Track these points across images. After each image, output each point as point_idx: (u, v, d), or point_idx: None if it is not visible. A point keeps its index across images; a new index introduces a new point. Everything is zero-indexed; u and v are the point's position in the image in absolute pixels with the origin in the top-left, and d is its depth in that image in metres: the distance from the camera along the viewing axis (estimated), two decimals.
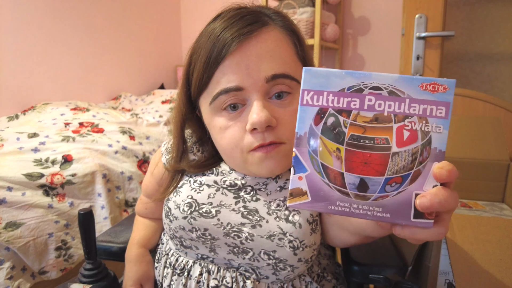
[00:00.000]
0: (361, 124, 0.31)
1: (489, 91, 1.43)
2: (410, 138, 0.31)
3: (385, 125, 0.31)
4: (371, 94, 0.31)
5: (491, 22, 1.41)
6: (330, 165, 0.32)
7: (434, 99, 0.31)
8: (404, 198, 0.32)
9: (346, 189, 0.32)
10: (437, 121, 0.32)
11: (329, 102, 0.32)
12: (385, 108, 0.31)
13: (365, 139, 0.31)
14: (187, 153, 0.56)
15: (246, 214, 0.49)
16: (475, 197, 1.00)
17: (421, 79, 0.31)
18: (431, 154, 0.32)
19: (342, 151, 0.32)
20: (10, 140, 1.19)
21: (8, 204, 0.96)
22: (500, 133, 1.01)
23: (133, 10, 2.28)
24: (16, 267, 0.93)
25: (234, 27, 0.44)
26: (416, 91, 0.31)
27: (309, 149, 0.32)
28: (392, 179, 0.32)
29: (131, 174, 1.28)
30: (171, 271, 0.54)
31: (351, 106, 0.31)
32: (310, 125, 0.32)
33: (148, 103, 2.02)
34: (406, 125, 0.31)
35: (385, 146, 0.31)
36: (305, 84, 0.32)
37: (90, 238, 0.54)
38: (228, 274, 0.50)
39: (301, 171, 0.32)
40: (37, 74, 1.72)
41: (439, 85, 0.31)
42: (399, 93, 0.31)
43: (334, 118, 0.32)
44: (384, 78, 0.31)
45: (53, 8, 1.77)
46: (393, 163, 0.32)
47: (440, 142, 0.32)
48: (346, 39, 2.11)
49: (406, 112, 0.31)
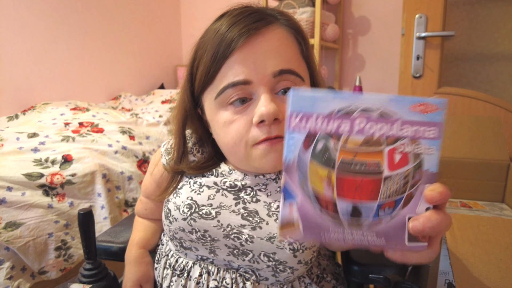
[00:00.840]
0: (352, 148, 0.30)
1: (489, 91, 1.43)
2: (401, 161, 0.31)
3: (376, 149, 0.30)
4: (361, 117, 0.30)
5: (491, 22, 1.41)
6: (321, 192, 0.31)
7: (425, 120, 0.30)
8: (398, 222, 0.32)
9: (339, 216, 0.31)
10: (429, 142, 0.31)
11: (318, 125, 0.30)
12: (376, 131, 0.30)
13: (356, 164, 0.31)
14: (187, 154, 0.56)
15: (246, 216, 0.49)
16: (475, 197, 1.00)
17: (411, 100, 0.30)
18: (423, 176, 0.31)
19: (333, 177, 0.31)
20: (10, 140, 1.19)
21: (8, 204, 0.95)
22: (500, 133, 1.01)
23: (133, 10, 2.28)
24: (16, 267, 0.93)
25: (242, 23, 0.45)
26: (407, 112, 0.30)
27: (299, 176, 0.31)
28: (385, 204, 0.31)
29: (131, 174, 1.28)
30: (171, 272, 0.54)
31: (341, 129, 0.30)
32: (299, 150, 0.31)
33: (148, 103, 2.02)
34: (398, 147, 0.31)
35: (377, 171, 0.31)
36: (293, 106, 0.30)
37: (90, 238, 0.54)
38: (228, 275, 0.50)
39: (291, 199, 0.31)
40: (37, 74, 1.72)
41: (430, 105, 0.30)
42: (390, 114, 0.30)
43: (323, 142, 0.30)
44: (374, 100, 0.30)
45: (52, 8, 1.77)
46: (385, 188, 0.31)
47: (432, 163, 0.31)
48: (346, 39, 2.11)
49: (397, 134, 0.30)
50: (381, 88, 2.06)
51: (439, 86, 1.34)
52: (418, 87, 1.35)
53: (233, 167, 0.54)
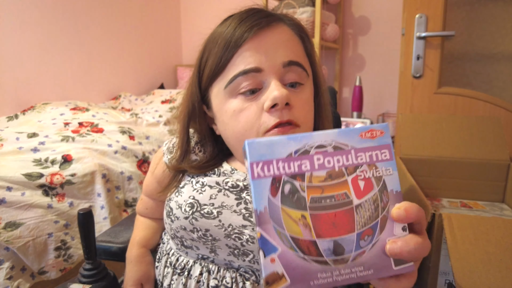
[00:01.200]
0: (318, 185, 0.31)
1: (489, 91, 1.43)
2: (366, 187, 0.32)
3: (340, 180, 0.32)
4: (318, 153, 0.31)
5: (492, 22, 1.41)
6: (300, 236, 0.31)
7: (375, 144, 0.32)
8: (380, 248, 0.32)
9: (323, 257, 0.31)
10: (385, 164, 0.33)
11: (281, 169, 0.31)
12: (334, 164, 0.32)
13: (326, 198, 0.31)
14: (190, 153, 0.56)
15: (248, 216, 0.49)
16: (475, 197, 1.00)
17: (358, 129, 0.32)
18: (390, 198, 0.33)
19: (308, 217, 0.31)
20: (9, 140, 1.19)
21: (8, 204, 0.95)
22: (500, 133, 1.01)
23: (133, 10, 2.28)
24: (15, 267, 0.93)
25: (253, 17, 0.47)
26: (357, 141, 0.32)
27: (273, 224, 0.31)
28: (363, 233, 0.32)
29: (131, 174, 1.28)
30: (172, 270, 0.54)
31: (303, 168, 0.31)
32: (268, 198, 0.31)
33: (148, 103, 2.02)
34: (359, 175, 0.32)
35: (346, 201, 0.32)
36: (252, 157, 0.31)
37: (90, 238, 0.54)
38: (228, 274, 0.50)
39: (271, 252, 0.31)
40: (37, 74, 1.72)
41: (376, 130, 0.33)
42: (342, 146, 0.32)
43: (290, 184, 0.31)
44: (324, 136, 0.32)
45: (52, 8, 1.77)
46: (359, 216, 0.32)
47: (394, 183, 0.33)
48: (346, 39, 2.11)
49: (354, 162, 0.32)
50: (381, 88, 2.06)
51: (439, 86, 1.34)
52: (418, 87, 1.35)
53: (235, 166, 0.54)
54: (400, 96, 1.39)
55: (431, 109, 1.34)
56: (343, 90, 2.18)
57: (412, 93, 1.36)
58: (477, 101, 1.30)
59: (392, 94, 1.98)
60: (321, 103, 0.55)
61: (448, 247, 0.62)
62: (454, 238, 0.64)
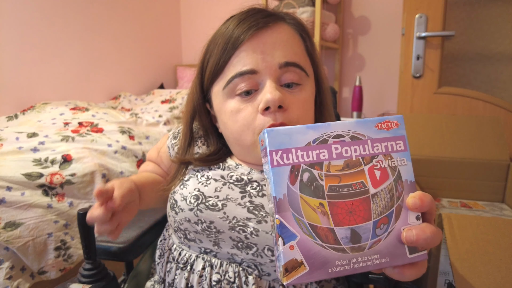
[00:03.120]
0: (336, 174, 0.32)
1: (489, 91, 1.43)
2: (382, 177, 0.33)
3: (357, 169, 0.32)
4: (336, 143, 0.32)
5: (492, 22, 1.41)
6: (318, 223, 0.32)
7: (391, 135, 0.33)
8: (395, 237, 0.33)
9: (341, 245, 0.32)
10: (399, 154, 0.34)
11: (300, 158, 0.31)
12: (352, 153, 0.32)
13: (343, 187, 0.32)
14: (193, 145, 0.58)
15: (252, 209, 0.49)
16: (475, 197, 1.00)
17: (375, 120, 0.33)
18: (404, 187, 0.33)
19: (326, 205, 0.32)
20: (9, 139, 1.19)
21: (7, 204, 0.95)
22: (500, 133, 1.01)
23: (132, 10, 2.28)
24: (15, 267, 0.93)
25: (252, 18, 0.48)
26: (374, 131, 0.33)
27: (292, 212, 0.31)
28: (379, 221, 0.33)
29: (131, 174, 1.28)
30: (175, 265, 0.54)
31: (321, 157, 0.32)
32: (287, 186, 0.31)
33: (147, 103, 2.02)
34: (375, 164, 0.33)
35: (363, 190, 0.32)
36: (271, 145, 0.31)
37: (90, 238, 0.54)
38: (230, 268, 0.50)
39: (291, 239, 0.31)
40: (36, 73, 1.72)
41: (391, 122, 0.33)
42: (359, 136, 0.33)
43: (308, 173, 0.31)
44: (342, 126, 0.33)
45: (52, 8, 1.77)
46: (375, 205, 0.32)
47: (408, 173, 0.34)
48: (346, 39, 2.11)
49: (371, 152, 0.33)
50: (381, 88, 2.06)
51: (439, 86, 1.34)
52: (418, 87, 1.35)
53: (239, 161, 0.55)
54: (400, 96, 1.39)
55: (431, 109, 1.34)
56: (343, 90, 2.18)
57: (412, 93, 1.36)
58: (477, 101, 1.30)
59: (392, 94, 1.98)
60: (322, 102, 0.56)
61: (448, 247, 0.62)
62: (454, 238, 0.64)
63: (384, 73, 2.03)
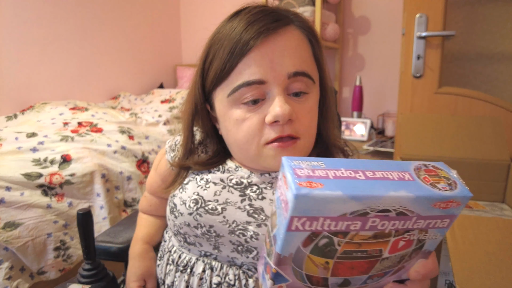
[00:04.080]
0: (357, 242, 0.28)
1: (489, 91, 1.42)
2: (404, 247, 0.29)
3: (383, 240, 0.28)
4: (377, 217, 0.26)
5: (492, 22, 1.41)
6: (315, 274, 0.30)
7: (443, 214, 0.28)
8: (383, 284, 0.33)
9: (328, 287, 0.31)
10: (436, 230, 0.29)
11: (325, 226, 0.26)
12: (388, 227, 0.27)
13: (358, 252, 0.29)
14: (194, 151, 0.56)
15: (252, 213, 0.49)
16: (475, 197, 1.00)
17: (437, 199, 0.26)
18: (418, 254, 0.31)
19: (331, 263, 0.29)
20: (8, 139, 1.19)
21: (7, 204, 0.95)
22: (501, 133, 1.01)
23: (132, 10, 2.27)
24: (14, 267, 0.93)
25: (260, 22, 0.45)
26: (427, 208, 0.27)
27: (293, 266, 0.29)
28: (375, 275, 0.31)
29: (130, 174, 1.28)
30: (174, 268, 0.54)
31: (351, 228, 0.26)
32: (298, 248, 0.27)
33: (147, 103, 2.01)
34: (404, 237, 0.29)
35: (377, 255, 0.29)
36: (295, 211, 0.24)
37: (89, 238, 0.54)
38: (231, 271, 0.50)
39: (281, 282, 0.30)
40: (36, 73, 1.72)
41: (453, 202, 0.27)
42: (408, 212, 0.27)
43: (327, 239, 0.27)
44: (396, 201, 0.25)
45: (51, 8, 1.77)
46: (380, 265, 0.30)
47: (432, 245, 0.31)
48: (346, 39, 2.11)
49: (409, 227, 0.28)
50: (381, 88, 2.06)
51: (439, 86, 1.33)
52: (418, 87, 1.35)
53: (239, 164, 0.54)
54: (400, 96, 1.39)
55: (431, 109, 1.34)
56: (343, 90, 2.18)
57: (412, 93, 1.36)
58: (477, 101, 1.30)
59: (392, 94, 1.98)
60: (327, 107, 0.55)
61: (449, 248, 0.62)
62: (454, 238, 0.64)
63: (384, 73, 2.03)
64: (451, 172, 0.29)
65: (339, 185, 0.24)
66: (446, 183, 0.27)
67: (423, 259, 0.32)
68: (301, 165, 0.26)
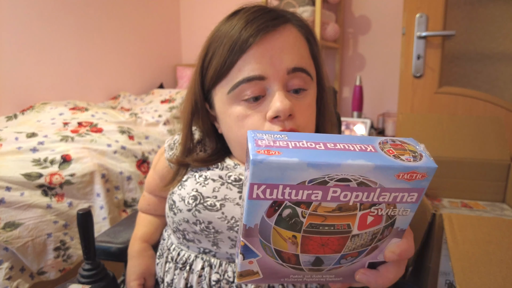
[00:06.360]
0: (322, 214, 0.28)
1: (490, 91, 1.42)
2: (373, 222, 0.29)
3: (349, 213, 0.28)
4: (337, 186, 0.26)
5: (492, 22, 1.41)
6: (285, 249, 0.30)
7: (409, 186, 0.27)
8: (357, 266, 0.33)
9: (300, 266, 0.31)
10: (406, 205, 0.29)
11: (286, 195, 0.26)
12: (351, 199, 0.27)
13: (325, 226, 0.28)
14: (193, 149, 0.57)
15: None
16: (475, 197, 1.00)
17: (398, 168, 0.26)
18: (391, 233, 0.31)
19: (299, 237, 0.29)
20: (8, 139, 1.19)
21: (7, 204, 0.95)
22: (501, 133, 1.01)
23: (132, 10, 2.27)
24: (14, 267, 0.93)
25: (260, 20, 0.46)
26: (390, 180, 0.27)
27: (260, 238, 0.29)
28: (348, 255, 0.31)
29: (130, 174, 1.28)
30: (173, 265, 0.54)
31: (312, 198, 0.27)
32: (262, 218, 0.28)
33: (147, 103, 2.01)
34: (372, 211, 0.28)
35: (346, 231, 0.29)
36: (254, 177, 0.25)
37: (89, 238, 0.54)
38: (230, 268, 0.50)
39: (251, 257, 0.30)
40: (36, 73, 1.72)
41: (417, 173, 0.27)
42: (369, 183, 0.26)
43: (290, 209, 0.27)
44: (355, 169, 0.25)
45: (51, 8, 1.77)
46: (351, 243, 0.30)
47: (404, 223, 0.30)
48: (346, 38, 2.11)
49: (374, 201, 0.28)
50: (381, 88, 2.05)
51: (439, 86, 1.33)
52: (418, 87, 1.35)
53: (238, 161, 0.54)
54: (400, 95, 1.39)
55: (431, 109, 1.34)
56: (343, 89, 2.18)
57: (412, 92, 1.36)
58: (477, 101, 1.30)
59: (392, 93, 1.98)
60: (324, 104, 0.55)
61: (449, 247, 0.61)
62: (454, 238, 0.64)
63: (384, 72, 2.03)
64: (418, 146, 0.29)
65: (297, 153, 0.25)
66: (411, 155, 0.27)
67: (397, 239, 0.31)
68: (263, 136, 0.27)
